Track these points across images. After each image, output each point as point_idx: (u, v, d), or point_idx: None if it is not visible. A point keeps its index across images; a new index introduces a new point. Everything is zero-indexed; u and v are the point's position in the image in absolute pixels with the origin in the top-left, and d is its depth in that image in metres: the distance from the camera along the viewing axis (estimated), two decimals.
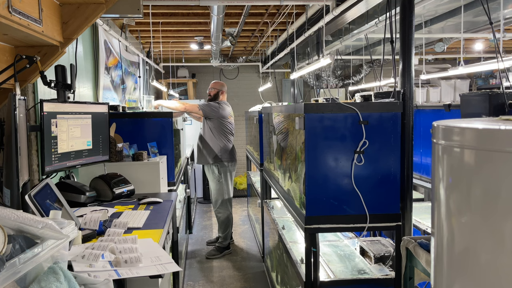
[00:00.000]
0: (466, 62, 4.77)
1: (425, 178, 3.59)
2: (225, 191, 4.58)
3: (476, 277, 1.12)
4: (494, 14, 4.39)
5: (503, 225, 1.05)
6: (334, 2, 3.64)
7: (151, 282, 1.96)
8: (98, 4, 2.08)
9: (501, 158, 1.04)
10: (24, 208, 1.64)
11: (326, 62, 3.71)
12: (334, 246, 2.84)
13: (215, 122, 4.53)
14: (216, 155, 4.50)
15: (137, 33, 6.05)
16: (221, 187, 4.55)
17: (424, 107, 3.83)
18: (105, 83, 4.15)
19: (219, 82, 4.74)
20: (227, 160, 4.55)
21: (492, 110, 2.11)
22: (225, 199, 4.59)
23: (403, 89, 2.31)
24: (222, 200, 4.58)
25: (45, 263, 1.08)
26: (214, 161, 4.51)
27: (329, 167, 2.17)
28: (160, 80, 7.78)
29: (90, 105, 2.56)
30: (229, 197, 4.63)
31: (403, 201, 2.27)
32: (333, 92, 8.76)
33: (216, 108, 4.51)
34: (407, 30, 2.32)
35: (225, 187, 4.57)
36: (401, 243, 1.97)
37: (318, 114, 2.15)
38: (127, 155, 2.95)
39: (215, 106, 4.51)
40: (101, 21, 3.70)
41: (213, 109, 4.49)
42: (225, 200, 4.59)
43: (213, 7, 3.89)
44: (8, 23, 1.55)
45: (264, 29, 6.17)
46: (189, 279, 4.04)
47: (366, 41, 5.29)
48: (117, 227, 1.92)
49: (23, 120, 1.85)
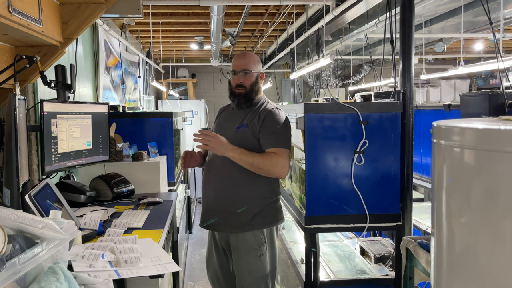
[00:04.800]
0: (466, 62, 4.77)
1: (425, 178, 3.59)
2: (269, 266, 2.18)
3: (476, 277, 1.12)
4: (494, 14, 4.39)
5: (503, 225, 1.05)
6: (334, 2, 3.64)
7: (151, 282, 1.96)
8: (98, 4, 2.08)
9: (501, 158, 1.04)
10: (24, 208, 1.64)
11: (326, 62, 3.72)
12: (334, 246, 2.84)
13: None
14: (263, 209, 2.15)
15: (137, 33, 6.05)
16: (263, 264, 2.15)
17: (424, 107, 3.83)
18: (105, 83, 4.15)
19: (254, 55, 2.28)
20: (277, 216, 2.23)
21: (492, 110, 2.11)
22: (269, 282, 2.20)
23: (403, 89, 2.31)
24: (266, 285, 2.18)
25: (45, 263, 1.08)
26: (256, 223, 2.14)
27: (329, 167, 2.17)
28: (160, 80, 7.78)
29: (90, 105, 2.56)
30: (274, 274, 2.24)
31: (403, 201, 2.27)
32: (333, 92, 8.76)
33: (288, 125, 2.20)
34: (407, 30, 2.32)
35: (271, 260, 2.20)
36: (401, 243, 1.97)
37: (318, 114, 2.15)
38: (127, 155, 2.95)
39: (286, 124, 2.17)
40: (101, 21, 3.70)
41: (289, 129, 2.19)
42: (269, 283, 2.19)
43: (213, 7, 3.89)
44: (8, 23, 1.55)
45: (264, 29, 6.17)
46: (189, 279, 4.04)
47: (366, 41, 5.29)
48: (117, 227, 1.92)
49: (23, 120, 1.85)
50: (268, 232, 2.16)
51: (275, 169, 2.05)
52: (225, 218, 2.14)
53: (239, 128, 2.13)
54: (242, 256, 2.14)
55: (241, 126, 2.14)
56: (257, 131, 2.10)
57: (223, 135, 2.10)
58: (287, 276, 2.92)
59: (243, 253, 2.14)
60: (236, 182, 2.12)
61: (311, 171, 2.17)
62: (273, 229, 2.20)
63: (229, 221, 2.13)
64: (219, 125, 2.29)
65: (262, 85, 2.28)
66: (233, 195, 2.13)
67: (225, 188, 2.15)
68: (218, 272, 2.31)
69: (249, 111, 2.17)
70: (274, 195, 2.20)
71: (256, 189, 2.13)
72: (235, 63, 2.19)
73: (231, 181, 2.13)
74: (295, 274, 2.50)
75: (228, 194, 2.15)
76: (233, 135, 2.12)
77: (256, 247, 2.12)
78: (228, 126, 2.19)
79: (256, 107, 2.17)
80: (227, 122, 2.23)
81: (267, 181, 2.15)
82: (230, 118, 2.23)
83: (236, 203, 2.12)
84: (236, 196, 2.13)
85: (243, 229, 2.12)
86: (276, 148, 2.06)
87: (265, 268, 2.15)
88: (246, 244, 2.13)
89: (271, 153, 2.06)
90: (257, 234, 2.13)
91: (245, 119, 2.15)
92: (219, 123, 2.30)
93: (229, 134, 2.12)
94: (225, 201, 2.15)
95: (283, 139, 2.10)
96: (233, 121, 2.18)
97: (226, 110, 2.33)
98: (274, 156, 2.05)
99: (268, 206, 2.16)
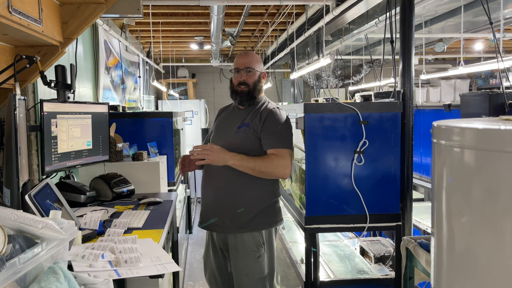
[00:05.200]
0: (466, 62, 4.77)
1: (425, 178, 3.59)
2: (267, 268, 2.18)
3: (476, 277, 1.12)
4: (494, 14, 4.39)
5: (503, 225, 1.05)
6: (334, 2, 3.64)
7: (151, 282, 1.96)
8: (98, 4, 2.08)
9: (501, 158, 1.04)
10: (24, 208, 1.64)
11: (326, 62, 3.72)
12: (334, 246, 2.84)
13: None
14: (263, 210, 2.15)
15: (137, 33, 6.05)
16: (261, 266, 2.15)
17: (424, 107, 3.83)
18: (105, 83, 4.15)
19: (256, 55, 2.32)
20: (276, 218, 2.22)
21: (492, 110, 2.11)
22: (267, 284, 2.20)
23: (403, 89, 2.31)
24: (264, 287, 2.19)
25: (45, 263, 1.08)
26: (255, 224, 2.14)
27: (329, 167, 2.17)
28: (160, 80, 7.78)
29: (90, 105, 2.56)
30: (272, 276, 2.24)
31: (403, 201, 2.27)
32: (333, 92, 8.76)
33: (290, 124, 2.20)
34: (407, 30, 2.32)
35: (269, 262, 2.19)
36: (401, 243, 1.97)
37: (318, 114, 2.15)
38: (127, 155, 2.95)
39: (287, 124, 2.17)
40: (101, 21, 3.70)
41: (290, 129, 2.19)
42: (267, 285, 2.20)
43: (213, 7, 3.89)
44: (8, 23, 1.55)
45: (264, 29, 6.17)
46: (189, 279, 4.04)
47: (366, 41, 5.29)
48: (117, 227, 1.92)
49: (23, 120, 1.85)
50: (267, 233, 2.14)
51: (277, 171, 2.04)
52: (224, 219, 2.13)
53: (240, 128, 2.12)
54: (240, 258, 2.12)
55: (242, 125, 2.13)
56: (258, 130, 2.09)
57: (224, 134, 2.12)
58: (287, 276, 2.92)
59: (241, 254, 2.12)
60: (236, 183, 2.11)
61: (311, 171, 2.17)
62: (272, 230, 2.18)
63: (228, 222, 2.12)
64: (219, 125, 2.27)
65: (264, 85, 2.26)
66: (233, 196, 2.12)
67: (225, 189, 2.13)
68: (216, 272, 2.30)
69: (250, 110, 2.16)
70: (274, 197, 2.18)
71: (255, 190, 2.12)
72: (238, 61, 2.17)
73: (230, 182, 2.12)
74: (295, 274, 2.50)
75: (227, 195, 2.13)
76: (234, 134, 2.12)
77: (254, 248, 2.10)
78: (229, 126, 2.18)
79: (257, 107, 2.17)
80: (228, 122, 2.22)
81: (267, 182, 2.13)
82: (231, 118, 2.22)
83: (235, 204, 2.11)
84: (236, 197, 2.11)
85: (242, 230, 2.10)
86: (277, 149, 2.05)
87: (263, 270, 2.13)
88: (245, 245, 2.11)
89: (271, 155, 2.05)
90: (256, 236, 2.11)
91: (246, 119, 2.13)
92: (219, 123, 2.28)
93: (230, 134, 2.13)
94: (225, 202, 2.13)
95: (284, 139, 2.09)
96: (234, 120, 2.17)
97: (226, 111, 2.32)
98: (275, 158, 2.04)
99: (268, 207, 2.14)
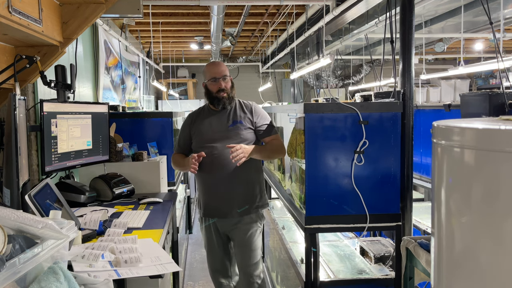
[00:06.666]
0: (466, 62, 4.77)
1: (425, 178, 3.59)
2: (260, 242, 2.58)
3: (476, 277, 1.12)
4: (494, 14, 4.40)
5: (503, 225, 1.05)
6: (334, 2, 3.64)
7: (151, 282, 1.96)
8: (98, 4, 2.08)
9: (501, 158, 1.04)
10: (24, 208, 1.64)
11: (326, 62, 3.72)
12: (334, 246, 2.84)
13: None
14: (261, 195, 2.49)
15: (137, 33, 6.05)
16: (260, 240, 2.54)
17: (424, 107, 3.83)
18: (105, 83, 4.15)
19: (224, 63, 2.56)
20: (266, 199, 2.57)
21: (492, 110, 2.11)
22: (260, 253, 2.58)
23: (403, 89, 2.31)
24: (261, 257, 2.57)
25: (45, 263, 1.08)
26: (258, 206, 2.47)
27: (329, 167, 2.17)
28: (160, 80, 7.78)
29: (90, 105, 2.56)
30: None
31: (403, 201, 2.27)
32: (333, 92, 8.76)
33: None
34: (407, 30, 2.32)
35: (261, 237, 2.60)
36: (401, 243, 1.97)
37: (318, 114, 2.15)
38: (127, 155, 2.95)
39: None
40: (101, 21, 3.70)
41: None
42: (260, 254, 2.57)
43: (213, 7, 3.89)
44: (8, 23, 1.55)
45: (264, 29, 6.17)
46: (189, 279, 4.04)
47: (366, 41, 5.29)
48: (117, 227, 1.92)
49: (23, 120, 1.85)
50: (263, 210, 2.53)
51: (282, 151, 2.48)
52: (226, 214, 2.39)
53: (232, 125, 2.39)
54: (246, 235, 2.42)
55: (233, 123, 2.39)
56: (253, 124, 2.41)
57: (217, 134, 2.37)
58: (287, 276, 2.92)
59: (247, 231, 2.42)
60: (239, 181, 2.36)
61: (311, 171, 2.17)
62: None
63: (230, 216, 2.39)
64: (205, 128, 2.43)
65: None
66: (235, 195, 2.38)
67: (228, 187, 2.37)
68: (224, 258, 2.53)
69: (231, 110, 2.43)
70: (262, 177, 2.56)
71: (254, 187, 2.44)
72: (214, 70, 2.40)
73: (234, 180, 2.36)
74: (295, 274, 2.49)
75: (229, 195, 2.38)
76: (227, 132, 2.38)
77: (259, 224, 2.47)
78: (218, 125, 2.41)
79: (237, 106, 2.46)
80: (214, 122, 2.42)
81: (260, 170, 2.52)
82: (217, 119, 2.43)
83: (238, 203, 2.38)
84: (238, 196, 2.38)
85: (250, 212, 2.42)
86: (275, 135, 2.45)
87: (260, 242, 2.52)
88: (251, 223, 2.43)
89: (272, 140, 2.43)
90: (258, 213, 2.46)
91: (234, 117, 2.41)
92: (204, 126, 2.44)
93: (222, 131, 2.38)
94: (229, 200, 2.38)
95: (274, 126, 2.49)
96: (221, 120, 2.41)
97: (202, 114, 2.50)
98: (278, 142, 2.44)
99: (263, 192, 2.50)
